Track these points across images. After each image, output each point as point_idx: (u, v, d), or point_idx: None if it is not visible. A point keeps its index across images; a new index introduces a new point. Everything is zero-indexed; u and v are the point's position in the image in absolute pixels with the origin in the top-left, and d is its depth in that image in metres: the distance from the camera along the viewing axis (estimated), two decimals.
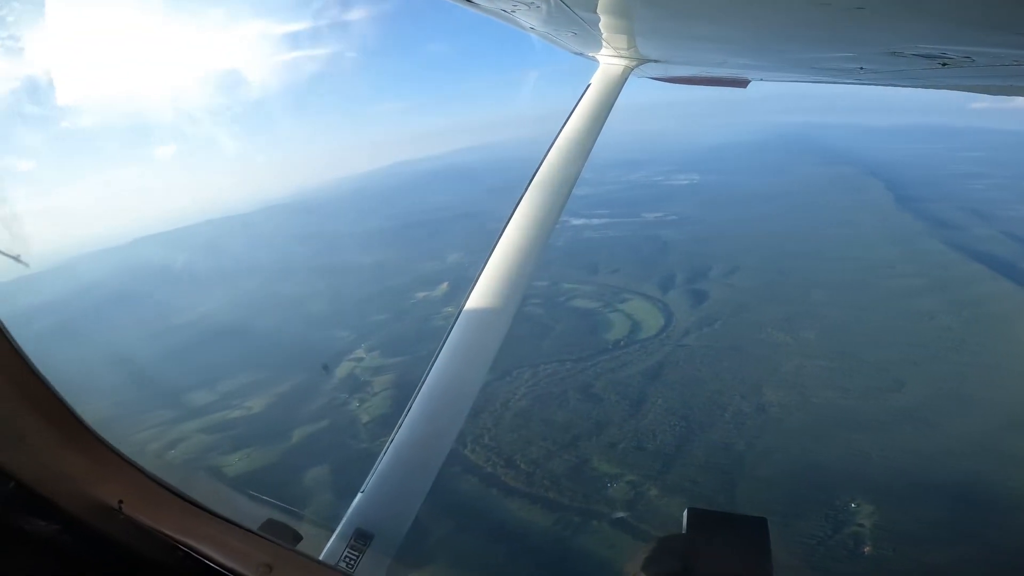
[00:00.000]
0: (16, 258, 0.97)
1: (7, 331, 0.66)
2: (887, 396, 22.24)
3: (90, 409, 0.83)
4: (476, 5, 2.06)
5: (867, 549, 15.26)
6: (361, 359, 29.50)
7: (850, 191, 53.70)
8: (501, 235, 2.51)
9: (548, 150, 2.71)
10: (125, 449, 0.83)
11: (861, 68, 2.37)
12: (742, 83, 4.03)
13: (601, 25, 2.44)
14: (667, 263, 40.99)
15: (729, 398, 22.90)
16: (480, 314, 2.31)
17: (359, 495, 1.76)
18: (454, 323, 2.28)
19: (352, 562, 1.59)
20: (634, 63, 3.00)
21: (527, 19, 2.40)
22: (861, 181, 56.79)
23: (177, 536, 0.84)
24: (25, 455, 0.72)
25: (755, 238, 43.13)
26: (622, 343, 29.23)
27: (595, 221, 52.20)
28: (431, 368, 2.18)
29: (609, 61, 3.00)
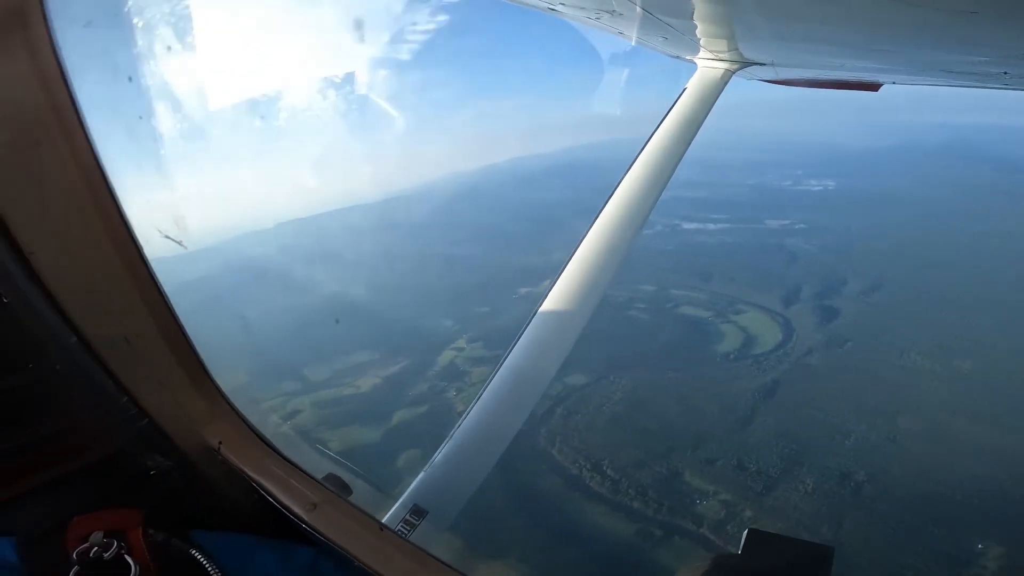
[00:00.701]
0: (179, 243, 1.27)
1: (167, 297, 0.93)
2: None
3: (213, 364, 1.09)
4: (560, 12, 2.16)
5: None
6: (462, 349, 30.99)
7: (1010, 199, 44.92)
8: (586, 234, 2.59)
9: (637, 155, 2.74)
10: (232, 397, 1.09)
11: (1005, 73, 2.09)
12: (873, 87, 3.65)
13: (699, 31, 2.41)
14: (792, 275, 37.47)
15: (854, 425, 20.54)
16: (555, 314, 2.42)
17: (422, 473, 1.97)
18: (530, 320, 2.41)
19: (405, 534, 1.81)
20: (736, 66, 2.90)
21: (615, 24, 2.45)
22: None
23: (257, 479, 1.07)
24: (161, 397, 0.99)
25: (901, 252, 37.78)
26: (732, 356, 27.40)
27: (711, 226, 49.33)
28: (502, 362, 2.33)
29: (708, 64, 2.93)
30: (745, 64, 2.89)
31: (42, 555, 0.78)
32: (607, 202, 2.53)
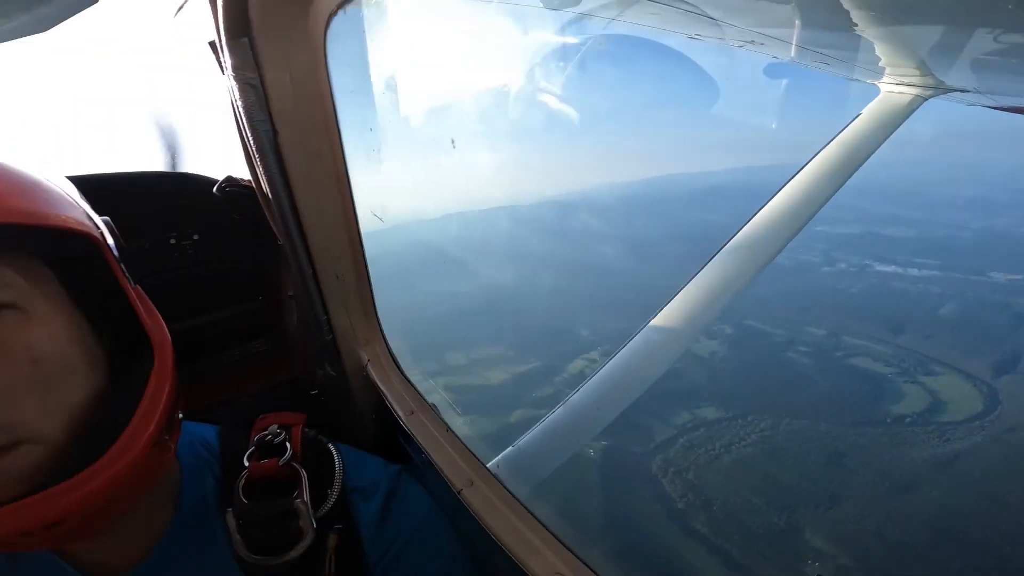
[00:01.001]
0: (380, 219, 1.68)
1: (364, 251, 1.31)
2: None
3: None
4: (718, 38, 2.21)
5: None
6: (594, 361, 30.79)
7: None
8: (714, 255, 2.55)
9: (787, 181, 2.63)
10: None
11: None
12: None
13: (885, 53, 2.29)
14: (1015, 341, 29.95)
15: None
16: (663, 331, 2.38)
17: (509, 448, 2.02)
18: (640, 330, 2.41)
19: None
20: (929, 92, 2.63)
21: (792, 50, 2.40)
22: None
23: (388, 398, 1.31)
24: (343, 320, 1.32)
25: None
26: (909, 420, 22.80)
27: (914, 271, 41.84)
28: (605, 364, 2.36)
29: (893, 89, 2.70)
30: (941, 90, 2.58)
31: (233, 439, 1.01)
32: (743, 226, 2.47)
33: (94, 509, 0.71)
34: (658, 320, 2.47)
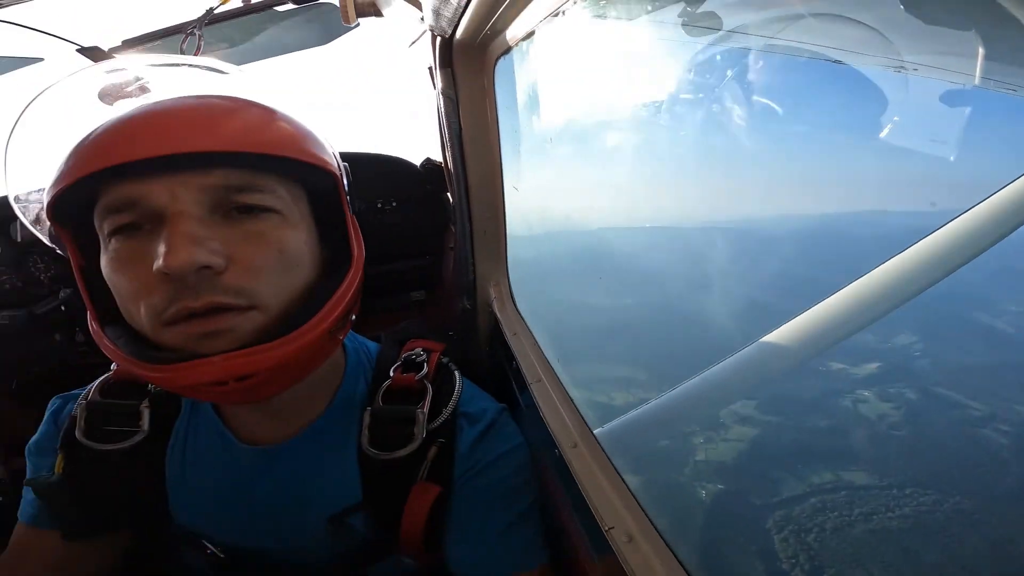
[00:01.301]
0: (516, 189, 2.11)
1: (505, 217, 1.78)
2: None
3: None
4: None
5: None
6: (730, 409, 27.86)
7: None
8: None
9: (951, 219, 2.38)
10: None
11: None
12: None
13: None
14: None
15: None
16: (793, 337, 2.21)
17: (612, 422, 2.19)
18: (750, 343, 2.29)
19: None
20: None
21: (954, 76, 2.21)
22: None
23: (507, 339, 1.62)
24: (482, 266, 1.76)
25: None
26: None
27: None
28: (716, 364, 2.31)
29: None
30: None
31: (387, 353, 1.22)
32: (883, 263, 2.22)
33: (277, 370, 0.85)
34: (790, 327, 2.25)
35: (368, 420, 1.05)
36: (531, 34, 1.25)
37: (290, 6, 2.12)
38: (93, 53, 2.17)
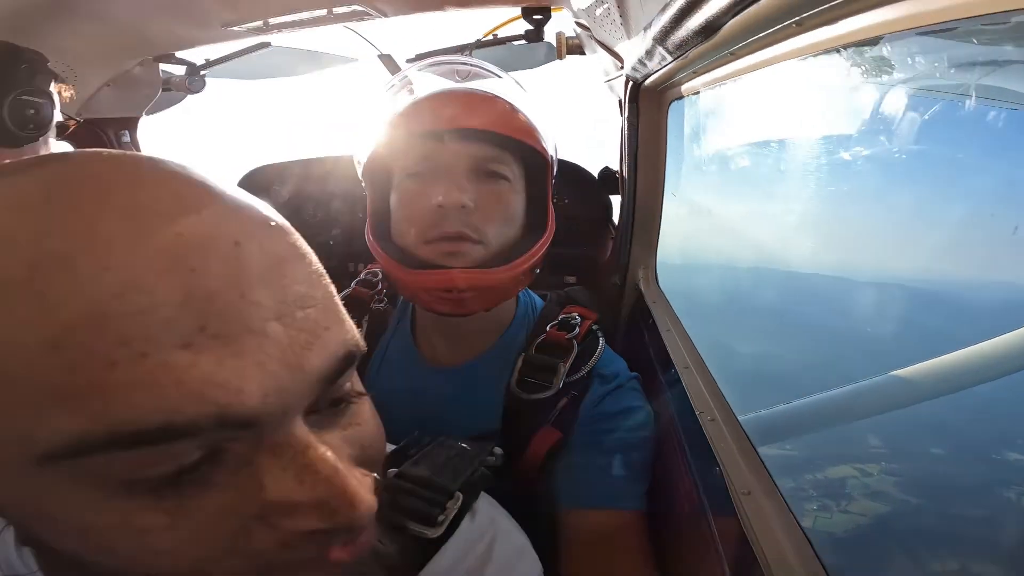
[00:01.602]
0: (674, 195, 2.60)
1: (662, 214, 2.31)
2: None
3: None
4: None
5: None
6: (870, 475, 23.62)
7: None
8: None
9: None
10: None
11: None
12: None
13: None
14: None
15: None
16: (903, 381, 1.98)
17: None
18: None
19: None
20: None
21: None
22: None
23: (648, 301, 2.06)
24: (636, 250, 2.41)
25: None
26: None
27: None
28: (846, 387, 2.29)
29: None
30: None
31: (550, 310, 1.36)
32: None
33: (487, 290, 1.10)
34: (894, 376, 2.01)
35: (520, 364, 1.22)
36: (697, 92, 1.71)
37: (522, 43, 2.87)
38: (387, 60, 3.11)
